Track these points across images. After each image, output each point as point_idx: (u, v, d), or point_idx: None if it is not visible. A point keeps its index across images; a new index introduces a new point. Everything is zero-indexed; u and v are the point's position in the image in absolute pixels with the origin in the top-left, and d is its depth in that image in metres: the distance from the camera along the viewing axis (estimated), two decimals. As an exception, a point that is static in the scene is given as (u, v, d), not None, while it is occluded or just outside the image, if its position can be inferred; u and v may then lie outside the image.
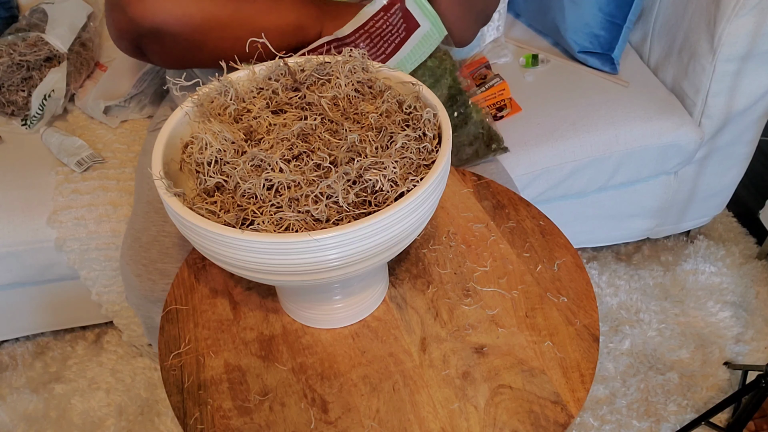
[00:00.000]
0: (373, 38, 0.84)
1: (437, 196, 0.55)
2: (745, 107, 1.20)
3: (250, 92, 0.62)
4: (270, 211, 0.50)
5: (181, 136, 0.60)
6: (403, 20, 0.85)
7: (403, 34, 0.85)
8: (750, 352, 1.30)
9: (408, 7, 0.84)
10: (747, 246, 1.50)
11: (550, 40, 1.41)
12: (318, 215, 0.50)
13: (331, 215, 0.50)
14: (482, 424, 0.58)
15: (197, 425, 0.59)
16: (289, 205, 0.51)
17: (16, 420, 1.25)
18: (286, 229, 0.50)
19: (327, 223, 0.50)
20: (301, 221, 0.50)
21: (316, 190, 0.51)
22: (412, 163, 0.54)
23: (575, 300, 0.68)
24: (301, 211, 0.50)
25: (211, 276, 0.73)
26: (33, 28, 1.26)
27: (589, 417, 1.22)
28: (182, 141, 0.59)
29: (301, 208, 0.50)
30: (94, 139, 1.20)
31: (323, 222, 0.50)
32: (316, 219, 0.50)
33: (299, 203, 0.51)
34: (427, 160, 0.55)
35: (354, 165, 0.52)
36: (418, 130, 0.57)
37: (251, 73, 0.64)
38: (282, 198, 0.51)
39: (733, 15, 1.07)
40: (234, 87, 0.61)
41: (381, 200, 0.52)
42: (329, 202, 0.51)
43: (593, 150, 1.18)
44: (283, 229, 0.50)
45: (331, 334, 0.66)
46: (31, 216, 1.10)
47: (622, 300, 1.40)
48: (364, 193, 0.52)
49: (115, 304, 1.18)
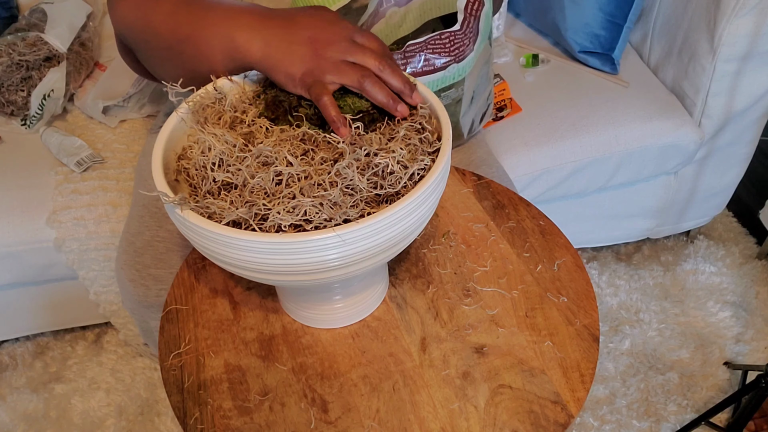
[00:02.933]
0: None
1: (437, 196, 0.55)
2: (745, 107, 1.20)
3: (242, 102, 0.62)
4: (284, 202, 0.50)
5: (177, 144, 0.60)
6: None
7: None
8: (750, 352, 1.30)
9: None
10: (747, 246, 1.50)
11: (551, 40, 1.41)
12: (335, 199, 0.50)
13: (346, 201, 0.51)
14: (482, 424, 0.58)
15: (197, 425, 0.59)
16: (302, 193, 0.51)
17: (16, 420, 1.25)
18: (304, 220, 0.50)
19: (346, 210, 0.51)
20: (317, 205, 0.50)
21: (329, 177, 0.51)
22: (417, 149, 0.55)
23: (575, 300, 0.68)
24: (316, 195, 0.50)
25: (211, 276, 0.73)
26: (32, 27, 1.26)
27: (589, 417, 1.22)
28: (176, 153, 0.59)
29: (317, 194, 0.50)
30: (93, 139, 1.20)
31: (340, 207, 0.50)
32: (334, 203, 0.50)
33: (314, 190, 0.51)
34: (429, 149, 0.56)
35: (361, 152, 0.53)
36: (416, 122, 0.58)
37: (241, 85, 0.64)
38: (294, 189, 0.51)
39: (733, 15, 1.07)
40: (228, 96, 0.61)
41: (393, 182, 0.52)
42: (343, 187, 0.51)
43: (593, 150, 1.18)
44: (300, 218, 0.50)
45: (331, 334, 0.66)
46: (31, 216, 1.10)
47: (622, 300, 1.40)
48: (375, 177, 0.53)
49: (113, 303, 1.18)
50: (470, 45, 0.85)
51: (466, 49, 0.85)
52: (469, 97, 0.92)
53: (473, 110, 0.96)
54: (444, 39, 0.83)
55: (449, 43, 0.83)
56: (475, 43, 0.86)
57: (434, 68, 0.84)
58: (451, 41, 0.83)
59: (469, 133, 1.00)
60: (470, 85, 0.90)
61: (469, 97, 0.92)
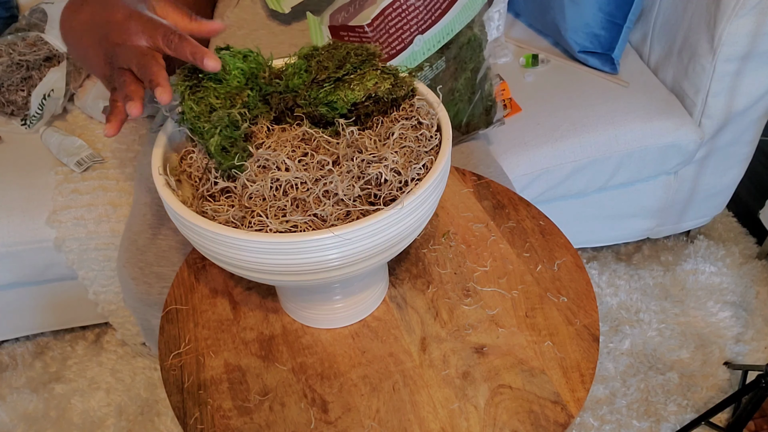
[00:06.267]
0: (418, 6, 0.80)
1: (437, 196, 0.55)
2: (745, 107, 1.20)
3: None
4: (277, 214, 0.50)
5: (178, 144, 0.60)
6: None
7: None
8: (750, 352, 1.30)
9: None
10: (747, 246, 1.50)
11: (550, 39, 1.41)
12: (323, 215, 0.50)
13: (340, 214, 0.51)
14: (482, 424, 0.58)
15: (197, 425, 0.59)
16: (296, 205, 0.51)
17: (16, 420, 1.25)
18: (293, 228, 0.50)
19: (331, 222, 0.51)
20: (308, 222, 0.50)
21: (320, 189, 0.51)
22: (412, 151, 0.55)
23: (575, 300, 0.68)
24: (307, 212, 0.50)
25: (211, 276, 0.73)
26: (33, 27, 1.26)
27: (589, 417, 1.22)
28: (178, 154, 0.59)
29: (307, 209, 0.50)
30: (93, 139, 1.20)
31: (330, 221, 0.50)
32: (323, 220, 0.50)
33: (305, 203, 0.51)
34: (426, 146, 0.56)
35: (355, 161, 0.53)
36: (412, 118, 0.58)
37: None
38: (287, 199, 0.51)
39: (733, 15, 1.07)
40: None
41: (387, 191, 0.52)
42: (333, 201, 0.51)
43: (593, 150, 1.18)
44: (289, 226, 0.50)
45: (331, 334, 0.66)
46: (31, 216, 1.10)
47: (622, 300, 1.40)
48: (368, 186, 0.53)
49: (112, 303, 1.18)
50: (434, 13, 0.81)
51: (427, 18, 0.81)
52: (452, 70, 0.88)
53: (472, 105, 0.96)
54: (396, 8, 0.79)
55: (404, 12, 0.79)
56: (446, 12, 0.82)
57: (403, 45, 0.81)
58: (404, 10, 0.79)
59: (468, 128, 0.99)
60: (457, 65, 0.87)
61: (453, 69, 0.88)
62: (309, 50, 0.61)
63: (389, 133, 0.56)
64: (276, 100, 0.59)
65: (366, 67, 0.58)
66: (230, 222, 0.51)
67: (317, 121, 0.59)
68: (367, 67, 0.58)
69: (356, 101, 0.57)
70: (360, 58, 0.59)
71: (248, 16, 1.02)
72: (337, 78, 0.58)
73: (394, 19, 0.79)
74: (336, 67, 0.58)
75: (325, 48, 0.61)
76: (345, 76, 0.58)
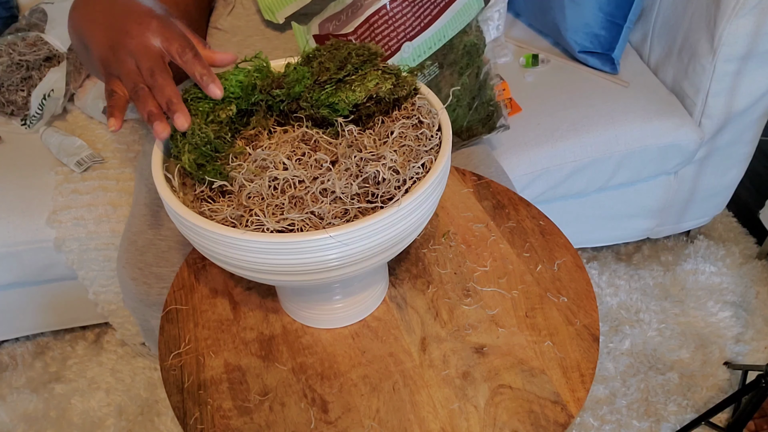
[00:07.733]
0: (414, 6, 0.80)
1: (437, 196, 0.55)
2: (745, 107, 1.20)
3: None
4: (274, 213, 0.50)
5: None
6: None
7: (444, 2, 0.82)
8: (750, 352, 1.30)
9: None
10: (747, 246, 1.50)
11: (550, 39, 1.41)
12: (321, 213, 0.50)
13: (337, 212, 0.51)
14: (482, 424, 0.58)
15: (197, 425, 0.59)
16: (293, 204, 0.51)
17: (16, 420, 1.25)
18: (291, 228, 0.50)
19: (328, 221, 0.50)
20: (305, 219, 0.50)
21: (317, 187, 0.51)
22: (412, 150, 0.55)
23: (575, 300, 0.68)
24: (304, 210, 0.50)
25: (211, 276, 0.73)
26: (33, 27, 1.26)
27: (589, 417, 1.22)
28: None
29: (305, 207, 0.50)
30: (93, 139, 1.20)
31: (327, 219, 0.50)
32: (320, 217, 0.50)
33: (303, 202, 0.51)
34: (427, 145, 0.55)
35: (353, 160, 0.53)
36: (413, 117, 0.58)
37: None
38: (284, 197, 0.51)
39: (733, 15, 1.07)
40: None
41: (385, 189, 0.52)
42: (331, 199, 0.51)
43: (593, 150, 1.18)
44: (287, 224, 0.50)
45: (331, 334, 0.66)
46: (31, 216, 1.10)
47: (622, 300, 1.40)
48: (366, 185, 0.52)
49: (112, 303, 1.18)
50: (423, 20, 0.81)
51: (416, 24, 0.81)
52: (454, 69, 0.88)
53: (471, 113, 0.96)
54: (383, 16, 0.79)
55: (390, 19, 0.79)
56: (437, 18, 0.81)
57: (391, 51, 0.81)
58: (391, 17, 0.79)
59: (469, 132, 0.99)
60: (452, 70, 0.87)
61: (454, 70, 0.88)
62: (310, 51, 0.61)
63: (389, 132, 0.56)
64: (278, 104, 0.60)
65: (367, 67, 0.58)
66: (227, 221, 0.51)
67: (319, 123, 0.59)
68: (368, 67, 0.58)
69: (357, 102, 0.57)
70: (361, 59, 0.59)
71: (242, 23, 1.02)
72: (338, 79, 0.58)
73: (380, 26, 0.79)
74: (337, 68, 0.58)
75: (327, 48, 0.60)
76: (346, 77, 0.58)
